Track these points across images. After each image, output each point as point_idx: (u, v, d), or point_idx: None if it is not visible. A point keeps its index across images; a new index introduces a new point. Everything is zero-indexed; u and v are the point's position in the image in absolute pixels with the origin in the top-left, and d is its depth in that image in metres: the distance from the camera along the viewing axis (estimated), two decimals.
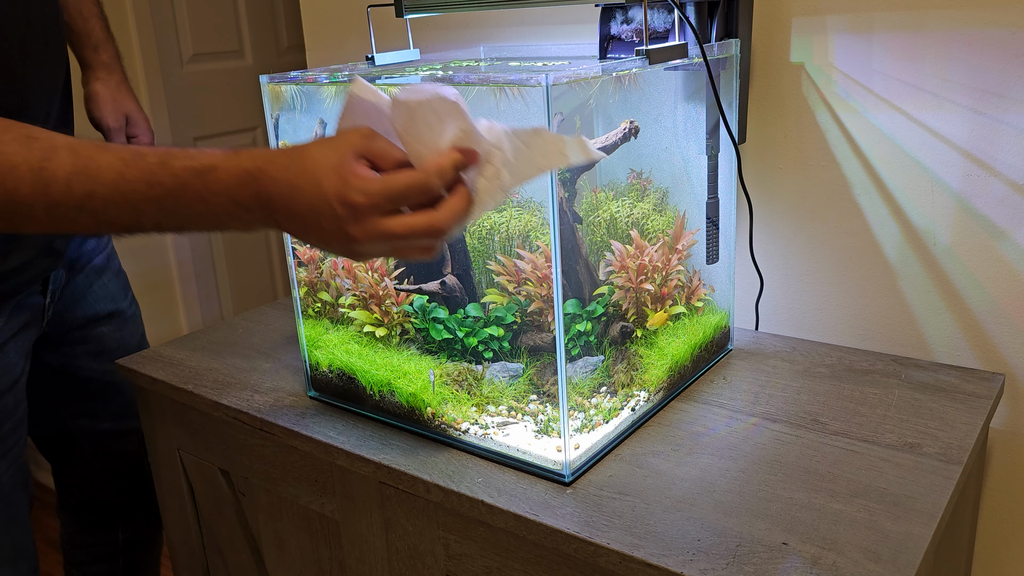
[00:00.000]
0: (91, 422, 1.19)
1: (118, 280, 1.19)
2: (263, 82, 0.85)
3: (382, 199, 0.60)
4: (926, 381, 0.88)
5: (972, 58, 0.85)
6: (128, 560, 1.30)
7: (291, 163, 0.61)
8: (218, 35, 2.41)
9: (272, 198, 0.62)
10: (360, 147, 0.61)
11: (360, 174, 0.60)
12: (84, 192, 0.62)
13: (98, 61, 1.14)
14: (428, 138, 0.61)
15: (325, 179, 0.60)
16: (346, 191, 0.59)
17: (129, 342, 1.18)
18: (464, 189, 0.62)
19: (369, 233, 0.61)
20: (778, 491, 0.70)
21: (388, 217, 0.60)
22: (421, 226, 0.61)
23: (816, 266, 1.01)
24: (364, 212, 0.60)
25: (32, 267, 0.98)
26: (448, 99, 0.61)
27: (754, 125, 1.00)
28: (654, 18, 0.87)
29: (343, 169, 0.60)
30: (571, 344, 0.76)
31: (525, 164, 0.62)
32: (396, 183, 0.60)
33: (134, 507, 1.28)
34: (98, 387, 1.17)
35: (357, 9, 1.33)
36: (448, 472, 0.75)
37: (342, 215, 0.60)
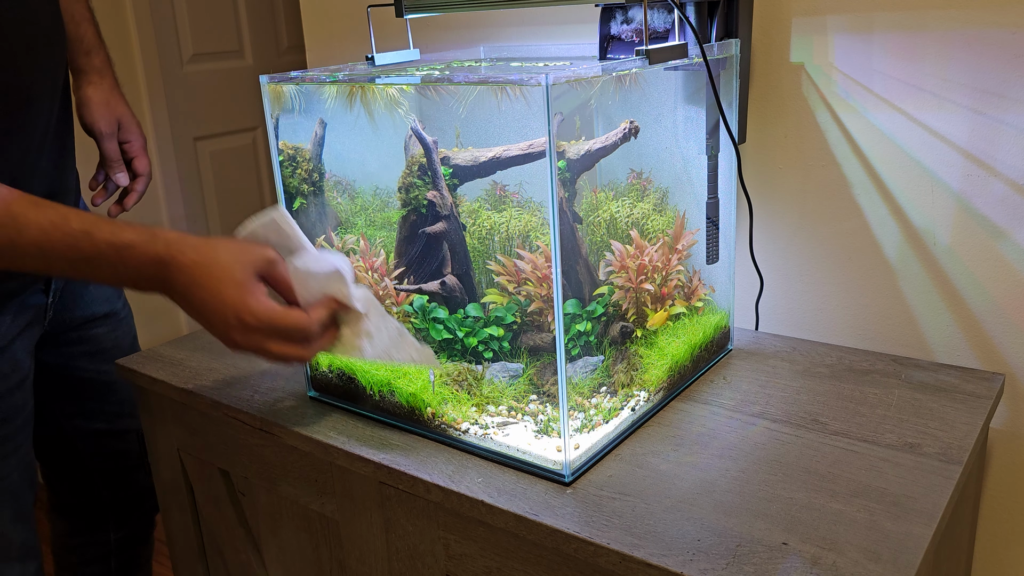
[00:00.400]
0: (86, 422, 1.19)
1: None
2: (263, 82, 0.85)
3: (269, 328, 0.71)
4: (926, 381, 0.88)
5: (972, 58, 0.85)
6: (121, 560, 1.30)
7: (200, 262, 0.71)
8: (218, 35, 2.41)
9: (175, 285, 0.72)
10: (263, 268, 0.73)
11: (257, 297, 0.71)
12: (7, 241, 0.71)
13: (90, 66, 1.13)
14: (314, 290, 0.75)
15: (226, 291, 0.71)
16: (241, 310, 0.70)
17: (123, 342, 1.19)
18: (334, 332, 0.77)
19: (250, 344, 0.72)
20: (778, 491, 0.70)
21: (267, 339, 0.72)
22: (293, 355, 0.74)
23: (816, 266, 1.01)
24: (251, 330, 0.71)
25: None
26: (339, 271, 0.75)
27: (754, 125, 1.00)
28: (654, 18, 0.87)
29: (244, 287, 0.71)
30: (571, 344, 0.76)
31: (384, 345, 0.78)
32: (285, 320, 0.72)
33: (127, 507, 1.28)
34: (94, 387, 1.17)
35: (357, 9, 1.33)
36: (448, 472, 0.75)
37: (233, 324, 0.71)
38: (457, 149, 0.81)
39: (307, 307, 0.75)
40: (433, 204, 0.81)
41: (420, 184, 0.81)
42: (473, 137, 0.81)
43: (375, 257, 0.85)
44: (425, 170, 0.81)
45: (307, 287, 0.75)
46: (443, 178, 0.81)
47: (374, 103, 0.83)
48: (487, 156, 0.80)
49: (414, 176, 0.82)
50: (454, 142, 0.81)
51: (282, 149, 0.88)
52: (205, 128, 2.42)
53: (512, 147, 0.78)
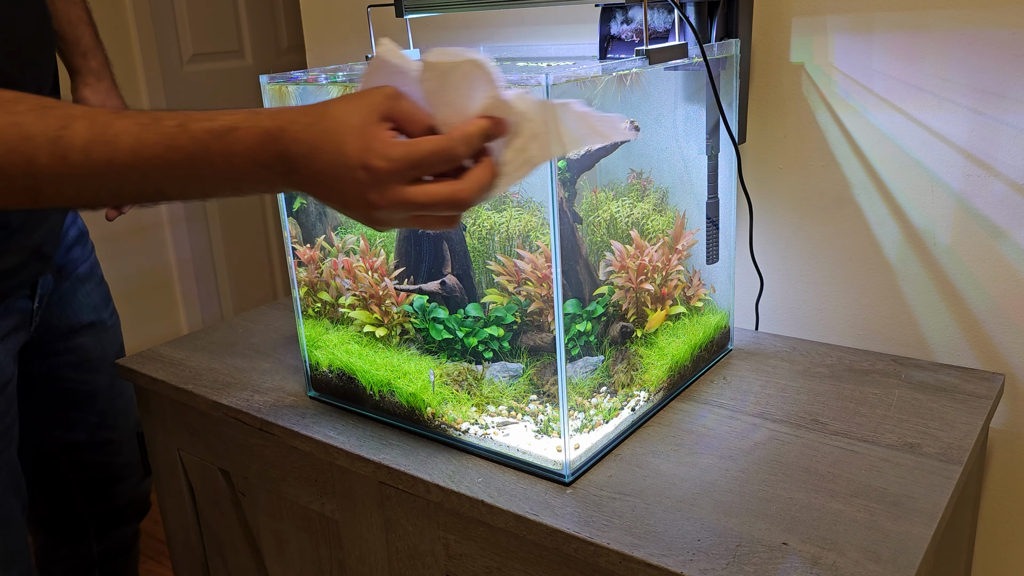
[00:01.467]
0: (66, 433, 1.17)
1: (100, 290, 1.18)
2: (263, 82, 0.85)
3: (405, 166, 0.57)
4: (926, 381, 0.88)
5: (972, 58, 0.85)
6: (105, 571, 1.29)
7: (313, 123, 0.59)
8: (218, 35, 2.41)
9: (294, 159, 0.59)
10: (385, 108, 0.59)
11: (383, 138, 0.57)
12: (103, 160, 0.60)
13: (87, 68, 1.13)
14: (457, 103, 0.59)
15: (347, 141, 0.57)
16: (368, 156, 0.57)
17: (108, 352, 1.18)
18: (490, 160, 0.60)
19: (390, 200, 0.58)
20: (778, 491, 0.70)
21: (410, 185, 0.58)
22: (443, 196, 0.58)
23: (816, 266, 1.01)
24: (385, 178, 0.57)
25: (21, 271, 0.98)
26: (480, 64, 0.58)
27: (754, 125, 1.00)
28: (654, 18, 0.87)
29: (366, 132, 0.58)
30: (571, 344, 0.76)
31: (555, 140, 0.60)
32: (420, 149, 0.57)
33: (108, 520, 1.26)
34: (75, 397, 1.16)
35: (357, 9, 1.33)
36: (448, 472, 0.75)
37: (363, 179, 0.58)
38: None
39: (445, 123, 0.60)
40: None
41: None
42: None
43: (375, 257, 0.85)
44: None
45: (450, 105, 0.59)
46: None
47: None
48: None
49: None
50: None
51: None
52: None
53: None
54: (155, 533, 2.05)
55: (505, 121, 0.59)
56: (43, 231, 0.99)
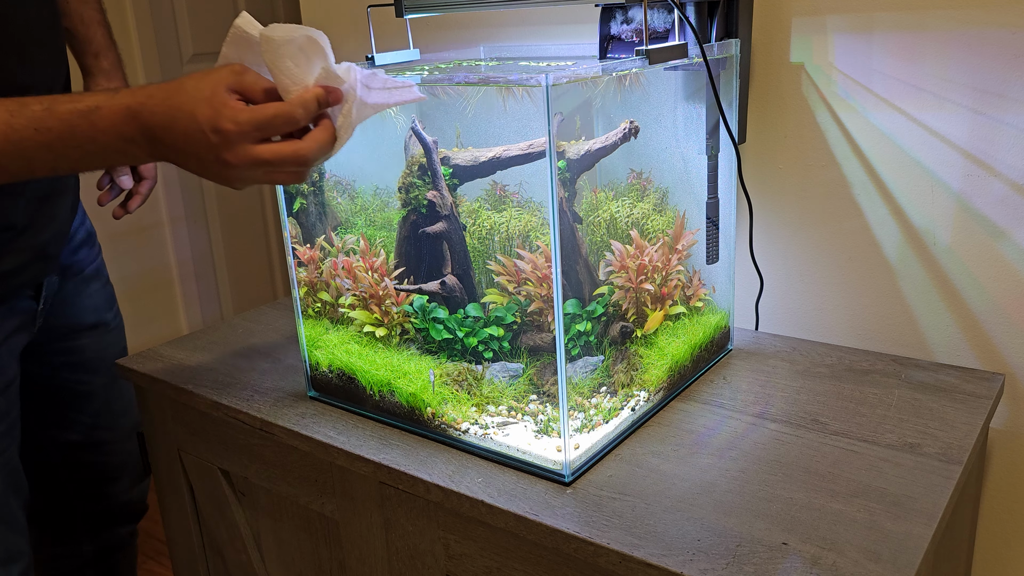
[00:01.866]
0: (60, 432, 1.17)
1: (105, 291, 1.18)
2: None
3: (251, 127, 0.65)
4: (926, 381, 0.88)
5: (972, 58, 0.85)
6: (98, 570, 1.28)
7: (168, 97, 0.66)
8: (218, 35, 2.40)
9: (153, 130, 0.67)
10: (231, 81, 0.67)
11: (231, 105, 0.65)
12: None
13: (99, 68, 1.13)
14: (294, 73, 0.67)
15: (198, 109, 0.65)
16: (218, 120, 0.65)
17: (109, 354, 1.18)
18: (327, 122, 0.68)
19: (241, 158, 0.66)
20: (778, 491, 0.70)
21: (258, 144, 0.66)
22: (288, 153, 0.66)
23: (816, 266, 1.01)
24: (235, 139, 0.65)
25: (25, 271, 0.98)
26: (314, 38, 0.66)
27: (754, 125, 1.00)
28: (654, 18, 0.87)
29: (215, 100, 0.65)
30: (571, 344, 0.76)
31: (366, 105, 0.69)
32: (263, 113, 0.65)
33: (100, 520, 1.25)
34: (71, 397, 1.16)
35: (357, 9, 1.33)
36: (448, 472, 0.75)
37: (215, 142, 0.65)
38: (457, 149, 0.81)
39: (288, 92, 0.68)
40: (433, 204, 0.81)
41: (420, 184, 0.81)
42: (473, 137, 0.81)
43: (375, 257, 0.85)
44: (425, 170, 0.81)
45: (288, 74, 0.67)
46: (443, 178, 0.81)
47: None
48: (487, 156, 0.80)
49: (414, 176, 0.82)
50: (454, 142, 0.82)
51: None
52: None
53: (512, 147, 0.78)
54: (155, 533, 2.05)
55: (338, 90, 0.68)
56: (50, 231, 0.99)
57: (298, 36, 0.67)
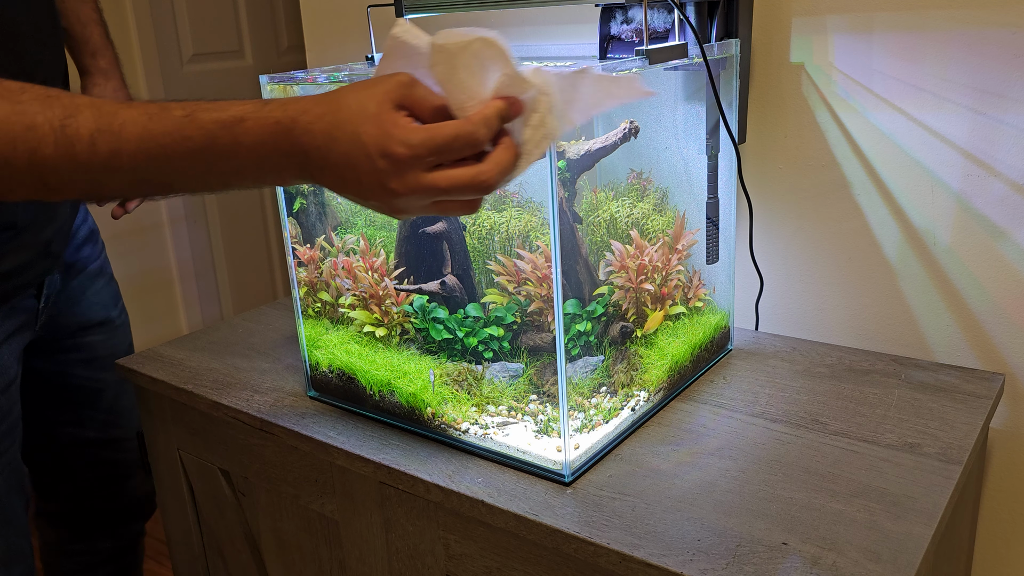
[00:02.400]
0: (77, 430, 1.18)
1: (110, 288, 1.19)
2: (263, 82, 0.85)
3: (425, 151, 0.56)
4: (926, 381, 0.88)
5: (972, 58, 0.85)
6: (111, 570, 1.29)
7: (326, 112, 0.57)
8: (218, 35, 2.41)
9: (307, 151, 0.58)
10: (399, 95, 0.57)
11: (402, 124, 0.56)
12: (109, 150, 0.58)
13: (96, 67, 1.13)
14: (470, 85, 0.57)
15: (364, 129, 0.56)
16: (387, 142, 0.55)
17: (118, 350, 1.18)
18: (510, 141, 0.58)
19: (411, 187, 0.57)
20: (778, 491, 0.70)
21: (431, 171, 0.56)
22: (466, 180, 0.57)
23: (816, 266, 1.01)
24: (406, 165, 0.56)
25: (28, 270, 0.98)
26: (491, 41, 0.56)
27: (754, 125, 1.00)
28: (654, 18, 0.87)
29: (383, 119, 0.56)
30: (571, 344, 0.76)
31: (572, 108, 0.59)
32: (441, 134, 0.56)
33: (118, 517, 1.26)
34: (85, 395, 1.16)
35: (357, 9, 1.33)
36: (448, 472, 0.75)
37: (382, 168, 0.56)
38: None
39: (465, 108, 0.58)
40: None
41: None
42: None
43: (375, 257, 0.85)
44: None
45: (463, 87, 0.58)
46: None
47: None
48: None
49: None
50: None
51: None
52: None
53: None
54: (155, 533, 2.05)
55: (521, 100, 0.58)
56: (52, 229, 0.99)
57: (473, 43, 0.56)
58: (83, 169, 0.58)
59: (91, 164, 0.58)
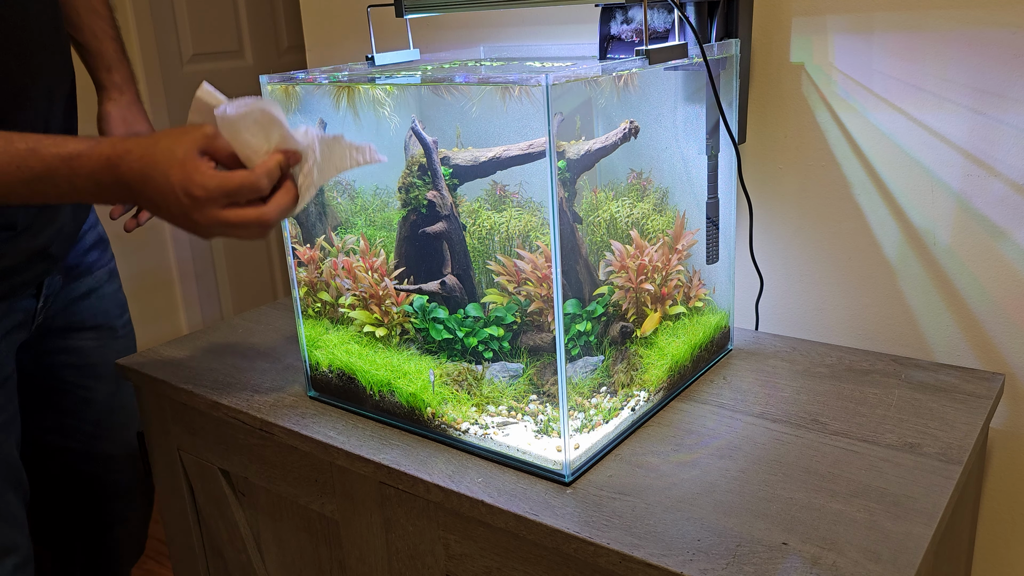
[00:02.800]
0: (61, 439, 1.16)
1: (116, 297, 1.18)
2: (263, 82, 0.85)
3: (219, 194, 0.70)
4: (926, 381, 0.88)
5: (972, 58, 0.85)
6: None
7: (144, 155, 0.71)
8: (218, 35, 2.41)
9: (129, 183, 0.72)
10: (203, 144, 0.72)
11: (201, 170, 0.70)
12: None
13: (111, 82, 1.16)
14: (253, 145, 0.72)
15: (172, 172, 0.70)
16: (189, 185, 0.70)
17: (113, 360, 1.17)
18: (290, 185, 0.74)
19: (208, 219, 0.71)
20: (778, 491, 0.70)
21: (225, 208, 0.71)
22: (252, 218, 0.72)
23: (816, 266, 1.01)
24: (203, 203, 0.70)
25: (26, 270, 0.98)
26: (267, 111, 0.72)
27: (754, 125, 1.00)
28: (654, 18, 0.87)
29: (187, 165, 0.70)
30: (571, 344, 0.76)
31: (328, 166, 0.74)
32: (230, 182, 0.70)
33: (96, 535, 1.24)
34: (72, 402, 1.15)
35: (357, 9, 1.33)
36: (448, 472, 0.75)
37: (186, 204, 0.71)
38: (457, 149, 0.81)
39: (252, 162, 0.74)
40: (433, 204, 0.81)
41: (420, 184, 0.81)
42: (473, 137, 0.81)
43: (375, 257, 0.85)
44: (425, 170, 0.81)
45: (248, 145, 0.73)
46: (443, 178, 0.81)
47: (374, 103, 0.84)
48: (487, 156, 0.80)
49: (414, 176, 0.82)
50: (454, 142, 0.82)
51: None
52: None
53: (512, 147, 0.78)
54: (155, 533, 2.05)
55: (296, 152, 0.74)
56: (50, 232, 0.99)
57: (253, 111, 0.72)
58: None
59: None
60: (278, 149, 0.73)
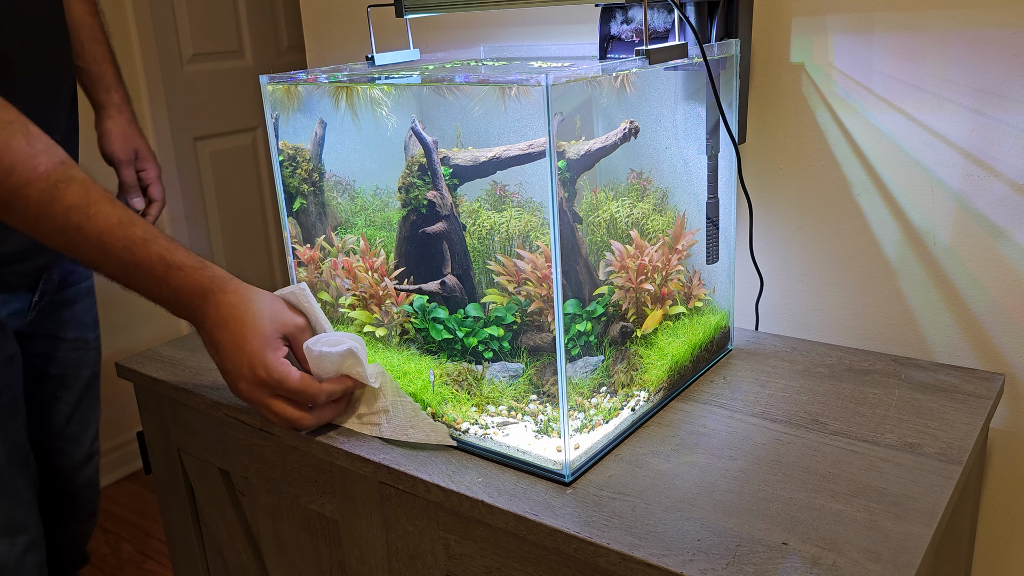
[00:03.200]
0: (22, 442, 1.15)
1: (91, 312, 1.20)
2: (263, 82, 0.85)
3: (276, 384, 0.75)
4: (926, 381, 0.88)
5: (972, 58, 0.85)
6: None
7: (237, 304, 0.76)
8: (218, 35, 2.41)
9: (206, 319, 0.76)
10: (292, 334, 0.78)
11: (277, 357, 0.75)
12: (74, 224, 0.74)
13: (110, 102, 1.20)
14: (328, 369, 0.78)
15: (251, 341, 0.75)
16: (256, 364, 0.74)
17: (82, 372, 1.18)
18: (340, 406, 0.81)
19: (252, 397, 0.77)
20: (778, 491, 0.70)
21: (272, 397, 0.76)
22: (292, 417, 0.77)
23: (816, 266, 1.01)
24: (261, 384, 0.75)
25: (28, 259, 1.00)
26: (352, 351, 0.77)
27: (754, 125, 1.00)
28: (654, 18, 0.87)
29: (268, 343, 0.75)
30: (571, 344, 0.76)
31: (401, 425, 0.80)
32: (295, 384, 0.75)
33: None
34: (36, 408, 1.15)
35: (357, 9, 1.33)
36: (448, 472, 0.75)
37: (245, 374, 0.75)
38: (457, 149, 0.81)
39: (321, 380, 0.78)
40: (433, 204, 0.81)
41: (420, 184, 0.81)
42: (473, 137, 0.81)
43: (375, 257, 0.85)
44: (425, 170, 0.81)
45: (321, 367, 0.78)
46: (443, 178, 0.81)
47: (374, 103, 0.84)
48: (487, 156, 0.80)
49: (414, 176, 0.82)
50: (454, 142, 0.81)
51: (282, 149, 0.88)
52: (205, 128, 2.42)
53: (512, 147, 0.78)
54: (155, 533, 2.05)
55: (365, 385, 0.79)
56: None
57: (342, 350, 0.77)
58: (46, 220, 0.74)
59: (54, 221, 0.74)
60: (348, 375, 0.78)
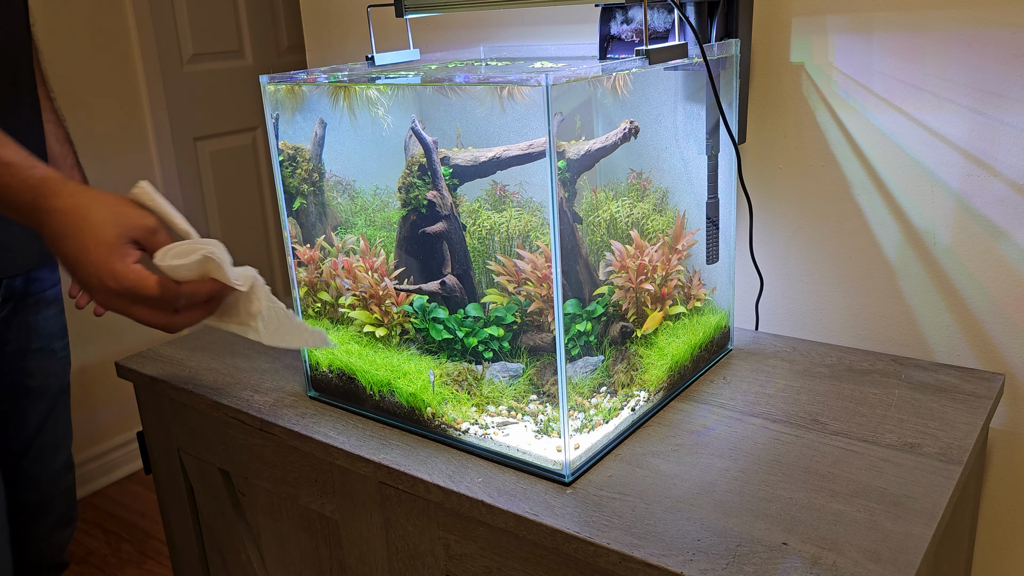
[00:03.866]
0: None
1: (59, 319, 1.20)
2: (263, 82, 0.85)
3: (129, 293, 0.68)
4: (926, 381, 0.88)
5: (972, 58, 0.85)
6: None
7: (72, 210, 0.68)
8: (218, 35, 2.40)
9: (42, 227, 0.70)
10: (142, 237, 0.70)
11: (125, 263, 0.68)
12: None
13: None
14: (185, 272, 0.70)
15: (93, 251, 0.67)
16: (104, 273, 0.67)
17: (51, 382, 1.17)
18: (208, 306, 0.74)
19: (111, 306, 0.70)
20: (778, 491, 0.70)
21: (132, 304, 0.69)
22: (157, 322, 0.71)
23: (816, 266, 1.01)
24: (113, 294, 0.68)
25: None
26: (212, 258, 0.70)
27: (754, 125, 1.00)
28: (654, 18, 0.87)
29: (112, 250, 0.67)
30: (571, 344, 0.76)
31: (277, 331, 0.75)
32: (149, 290, 0.68)
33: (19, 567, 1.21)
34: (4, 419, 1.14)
35: (357, 9, 1.33)
36: (448, 472, 0.75)
37: (95, 285, 0.68)
38: (457, 149, 0.81)
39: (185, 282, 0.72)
40: (433, 204, 0.81)
41: (420, 184, 0.81)
42: (473, 137, 0.81)
43: (375, 257, 0.85)
44: (425, 170, 0.81)
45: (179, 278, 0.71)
46: (443, 178, 0.81)
47: (374, 103, 0.84)
48: (487, 156, 0.80)
49: (414, 176, 0.82)
50: (454, 142, 0.81)
51: (282, 149, 0.88)
52: (205, 128, 2.41)
53: (512, 147, 0.78)
54: (155, 533, 2.05)
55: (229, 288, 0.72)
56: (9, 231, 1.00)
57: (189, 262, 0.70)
58: None
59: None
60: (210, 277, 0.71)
